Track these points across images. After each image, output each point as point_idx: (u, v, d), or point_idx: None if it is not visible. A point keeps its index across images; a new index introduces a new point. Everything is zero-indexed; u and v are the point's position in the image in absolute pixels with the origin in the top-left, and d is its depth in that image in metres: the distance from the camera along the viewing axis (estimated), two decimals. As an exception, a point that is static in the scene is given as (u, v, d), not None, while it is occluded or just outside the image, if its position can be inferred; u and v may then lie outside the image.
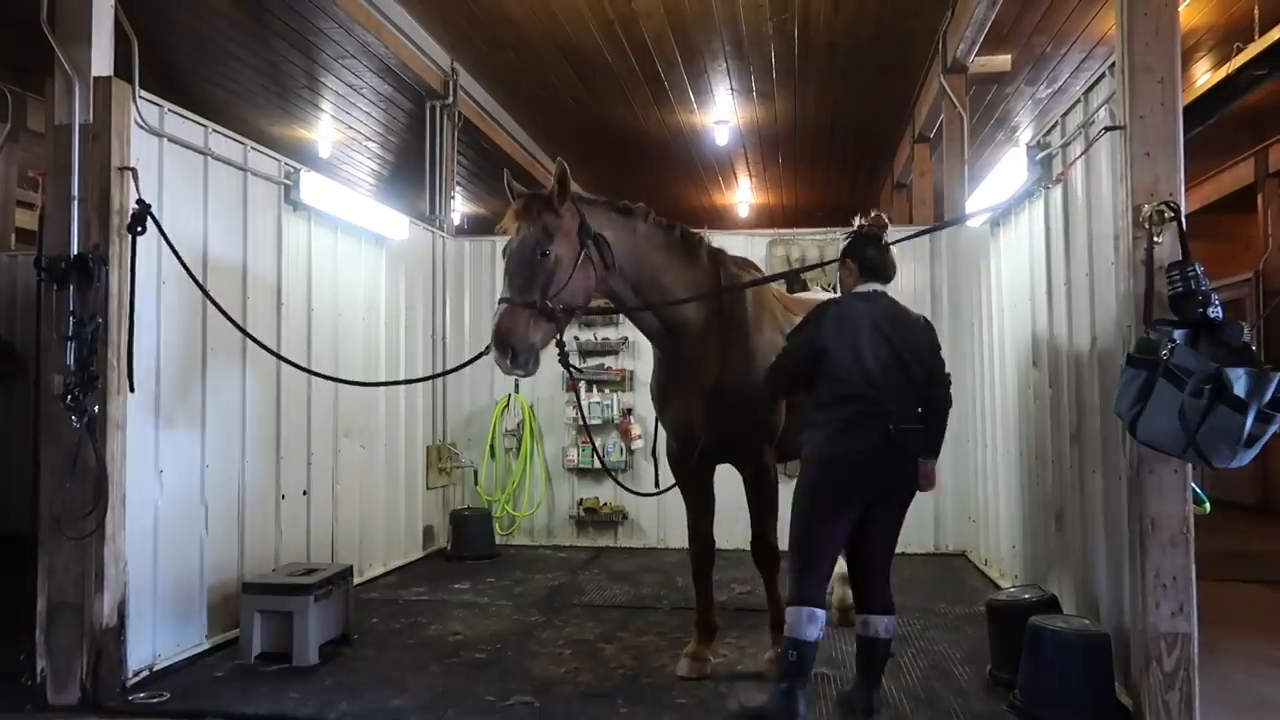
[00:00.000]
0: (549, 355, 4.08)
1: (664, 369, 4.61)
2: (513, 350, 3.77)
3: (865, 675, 3.99)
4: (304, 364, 5.98)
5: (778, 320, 4.67)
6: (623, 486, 5.56)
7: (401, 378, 7.40)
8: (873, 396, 3.77)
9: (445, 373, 7.69)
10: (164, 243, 4.51)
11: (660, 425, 4.81)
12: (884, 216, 4.17)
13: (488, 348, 3.90)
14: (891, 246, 4.14)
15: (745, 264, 4.77)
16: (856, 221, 4.22)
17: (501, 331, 3.78)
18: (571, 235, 3.97)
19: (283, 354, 5.70)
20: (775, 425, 4.53)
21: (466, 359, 8.27)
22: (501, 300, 3.88)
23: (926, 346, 3.98)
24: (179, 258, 4.53)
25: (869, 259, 4.05)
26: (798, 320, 4.80)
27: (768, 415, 4.49)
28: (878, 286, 4.04)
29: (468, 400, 8.44)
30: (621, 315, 8.08)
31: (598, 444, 8.20)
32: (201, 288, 4.67)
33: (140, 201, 4.31)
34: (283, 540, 5.69)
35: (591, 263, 4.02)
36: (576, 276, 3.95)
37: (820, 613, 3.76)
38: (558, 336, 4.05)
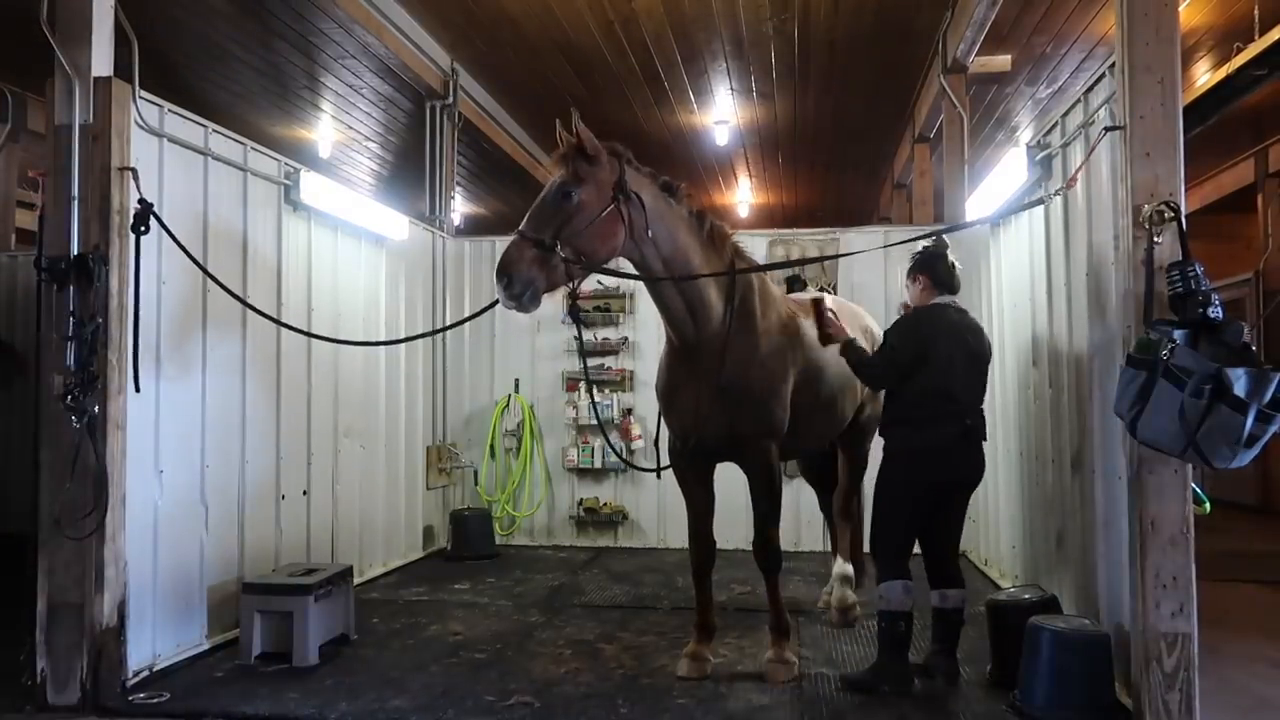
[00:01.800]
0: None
1: (672, 365, 4.61)
2: (509, 278, 3.79)
3: (944, 643, 4.42)
4: (304, 364, 6.00)
5: (783, 320, 4.69)
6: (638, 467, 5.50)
7: (402, 377, 7.42)
8: (955, 395, 4.30)
9: (456, 324, 7.75)
10: (162, 243, 4.52)
11: (664, 424, 4.79)
12: (945, 239, 4.68)
13: (493, 303, 3.98)
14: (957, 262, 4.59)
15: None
16: (920, 244, 4.69)
17: (504, 259, 3.83)
18: (605, 187, 4.00)
19: (281, 355, 5.73)
20: (782, 423, 4.54)
21: (468, 357, 8.38)
22: (515, 232, 3.90)
23: (988, 351, 4.57)
24: (185, 251, 4.54)
25: (941, 275, 4.51)
26: (802, 321, 4.82)
27: (775, 413, 4.50)
28: (952, 298, 4.52)
29: (468, 400, 8.44)
30: (620, 316, 8.23)
31: (597, 445, 8.21)
32: (203, 269, 4.66)
33: (143, 200, 4.31)
34: (283, 540, 5.69)
35: (621, 220, 4.03)
36: (597, 227, 3.96)
37: (911, 583, 4.29)
38: (571, 286, 4.03)
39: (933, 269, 4.53)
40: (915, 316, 4.50)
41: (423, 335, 7.58)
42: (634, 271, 4.37)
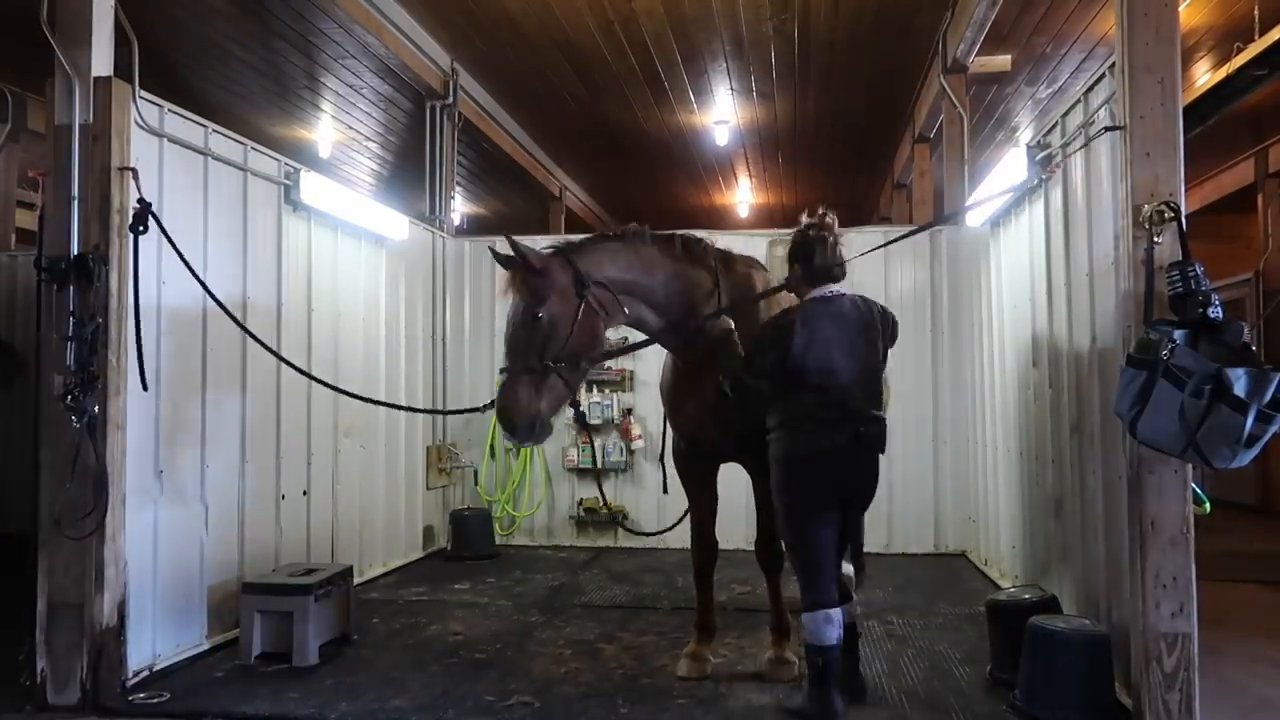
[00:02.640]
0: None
1: (677, 371, 4.60)
2: (512, 425, 3.72)
3: (846, 659, 4.04)
4: (304, 365, 5.98)
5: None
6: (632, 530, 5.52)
7: (402, 378, 7.43)
8: (842, 399, 3.85)
9: (447, 412, 8.10)
10: (162, 243, 4.52)
11: (670, 426, 4.79)
12: (829, 217, 4.09)
13: (487, 404, 3.86)
14: (840, 244, 4.04)
15: (751, 262, 4.75)
16: (803, 220, 4.14)
17: (502, 405, 3.72)
18: (567, 292, 3.87)
19: (284, 355, 5.72)
20: None
21: (468, 357, 8.38)
22: (501, 371, 3.83)
23: (882, 344, 4.03)
24: (181, 257, 4.53)
25: (816, 264, 3.99)
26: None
27: None
28: (833, 288, 4.01)
29: (467, 401, 8.43)
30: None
31: (597, 445, 8.20)
32: (203, 284, 4.66)
33: (141, 200, 4.31)
34: (283, 540, 5.69)
35: (596, 311, 3.95)
36: (580, 330, 3.86)
37: (835, 613, 3.85)
38: (575, 395, 3.96)
39: (808, 258, 3.99)
40: (784, 323, 3.95)
41: (429, 410, 7.60)
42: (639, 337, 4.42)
